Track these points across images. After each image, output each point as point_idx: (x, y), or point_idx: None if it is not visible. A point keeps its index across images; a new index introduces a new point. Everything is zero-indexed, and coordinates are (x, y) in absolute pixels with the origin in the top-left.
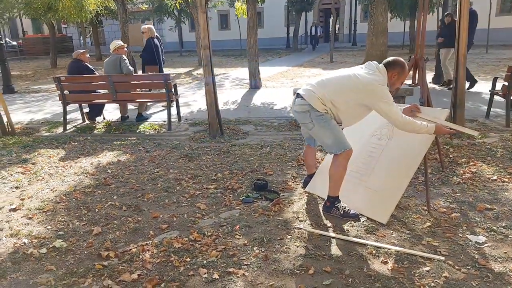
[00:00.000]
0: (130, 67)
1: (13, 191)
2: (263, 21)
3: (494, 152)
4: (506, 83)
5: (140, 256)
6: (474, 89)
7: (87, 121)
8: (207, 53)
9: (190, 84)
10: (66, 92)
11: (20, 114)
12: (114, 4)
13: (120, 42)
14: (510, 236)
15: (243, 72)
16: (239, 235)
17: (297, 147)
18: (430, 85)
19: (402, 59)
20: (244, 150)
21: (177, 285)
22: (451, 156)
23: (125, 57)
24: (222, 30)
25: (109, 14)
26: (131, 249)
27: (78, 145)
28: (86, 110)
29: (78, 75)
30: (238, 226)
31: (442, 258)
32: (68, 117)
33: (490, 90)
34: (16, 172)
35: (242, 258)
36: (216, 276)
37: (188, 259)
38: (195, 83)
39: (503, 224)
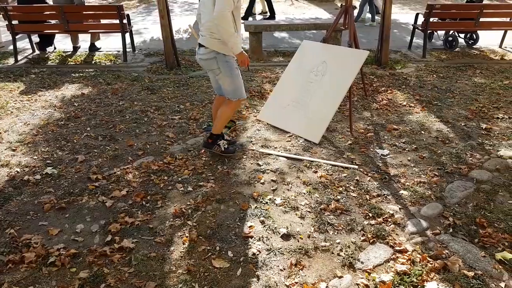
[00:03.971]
0: None
1: None
2: None
3: (408, 81)
4: (424, 20)
5: (125, 178)
6: (403, 20)
7: (37, 51)
8: None
9: (138, 8)
10: (15, 22)
11: None
12: None
13: None
14: (406, 149)
15: None
16: (204, 157)
17: (248, 78)
18: (367, 15)
19: None
20: (202, 82)
21: (160, 197)
22: (374, 85)
23: None
24: None
25: None
26: (115, 172)
27: (36, 78)
28: (36, 40)
29: (29, 3)
30: (203, 150)
31: (356, 167)
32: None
33: (412, 25)
34: None
35: (209, 174)
36: (190, 188)
37: (165, 178)
38: (142, 7)
39: (403, 140)
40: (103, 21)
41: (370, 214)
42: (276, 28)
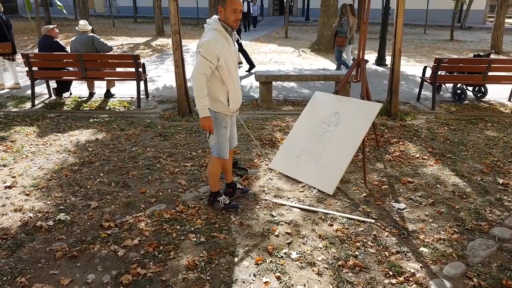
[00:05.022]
0: (109, 44)
1: (1, 169)
2: None
3: (419, 133)
4: (432, 73)
5: (137, 226)
6: (410, 72)
7: (54, 96)
8: (177, 38)
9: (151, 56)
10: (34, 68)
11: None
12: None
13: (88, 26)
14: (423, 203)
15: None
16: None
17: (259, 126)
18: (374, 67)
19: None
20: None
21: (173, 247)
22: (385, 136)
23: (97, 36)
24: None
25: None
26: (128, 220)
27: (52, 123)
28: (53, 85)
29: (49, 51)
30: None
31: (372, 221)
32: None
33: (420, 77)
34: None
35: (222, 224)
36: (203, 239)
37: (178, 227)
38: (155, 56)
39: (419, 194)
40: (119, 69)
41: (391, 273)
42: (286, 78)
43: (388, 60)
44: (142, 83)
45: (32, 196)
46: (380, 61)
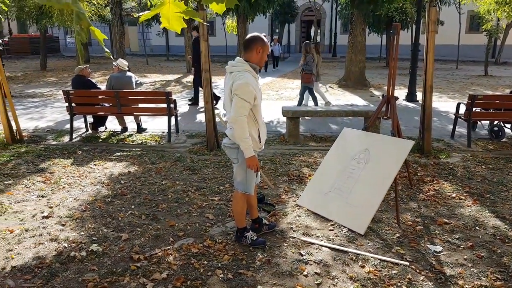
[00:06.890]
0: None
1: (40, 200)
2: (248, 31)
3: (455, 172)
4: (467, 109)
5: (166, 259)
6: (443, 109)
7: (90, 131)
8: (207, 76)
9: (181, 93)
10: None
11: (23, 121)
12: (108, 12)
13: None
14: (461, 246)
15: None
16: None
17: (287, 162)
18: (404, 103)
19: (254, 34)
20: None
21: (200, 283)
22: (419, 174)
23: (134, 75)
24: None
25: (100, 20)
26: (157, 253)
27: (87, 155)
28: (90, 120)
29: (83, 89)
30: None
31: (407, 263)
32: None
33: (454, 114)
34: (38, 181)
35: (249, 261)
36: (230, 276)
37: (205, 262)
38: (186, 92)
39: (457, 236)
40: (152, 105)
41: None
42: (314, 114)
43: (419, 95)
44: (173, 118)
45: (67, 227)
46: (410, 97)
